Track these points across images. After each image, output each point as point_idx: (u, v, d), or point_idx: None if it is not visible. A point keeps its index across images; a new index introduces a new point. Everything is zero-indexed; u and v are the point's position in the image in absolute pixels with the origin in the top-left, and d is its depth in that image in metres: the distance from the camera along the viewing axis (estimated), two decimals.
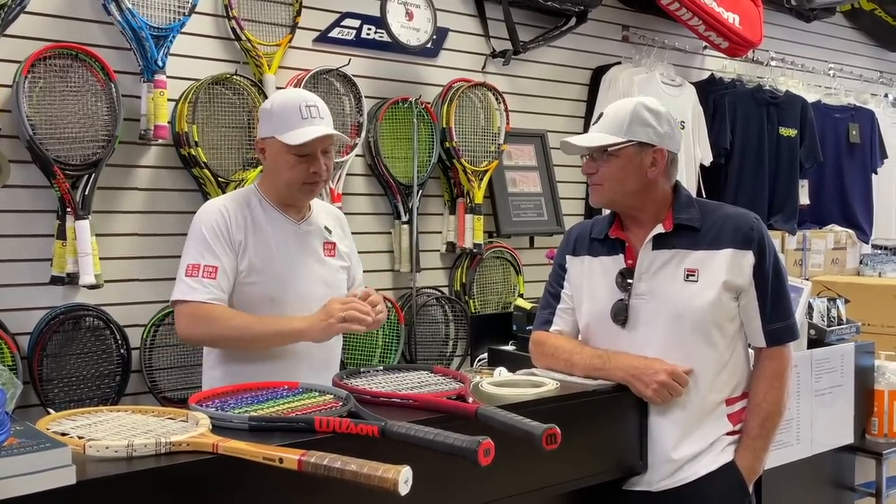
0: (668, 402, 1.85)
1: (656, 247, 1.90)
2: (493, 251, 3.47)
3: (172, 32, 2.58)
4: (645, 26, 4.05)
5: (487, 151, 3.38)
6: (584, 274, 2.00)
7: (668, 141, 1.91)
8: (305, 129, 1.99)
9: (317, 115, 2.03)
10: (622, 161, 1.88)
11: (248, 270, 2.01)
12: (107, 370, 2.53)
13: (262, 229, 2.04)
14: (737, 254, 1.85)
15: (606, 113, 1.94)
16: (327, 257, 2.13)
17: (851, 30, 5.25)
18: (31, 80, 2.38)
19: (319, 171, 2.03)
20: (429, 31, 3.20)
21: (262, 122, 2.07)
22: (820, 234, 4.43)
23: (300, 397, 1.56)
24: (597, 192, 1.95)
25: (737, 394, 1.92)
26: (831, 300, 2.75)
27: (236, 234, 2.01)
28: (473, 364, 2.97)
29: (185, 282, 1.96)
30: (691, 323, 1.85)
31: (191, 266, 1.96)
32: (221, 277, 1.96)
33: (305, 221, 2.12)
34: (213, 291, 1.94)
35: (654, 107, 1.93)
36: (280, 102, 2.06)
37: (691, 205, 1.94)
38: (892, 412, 2.75)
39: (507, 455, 1.37)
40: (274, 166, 2.05)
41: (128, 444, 1.22)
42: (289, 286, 2.03)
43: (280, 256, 2.04)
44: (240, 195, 2.12)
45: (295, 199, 2.09)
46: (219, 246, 1.98)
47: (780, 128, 4.32)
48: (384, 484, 1.12)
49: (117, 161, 2.59)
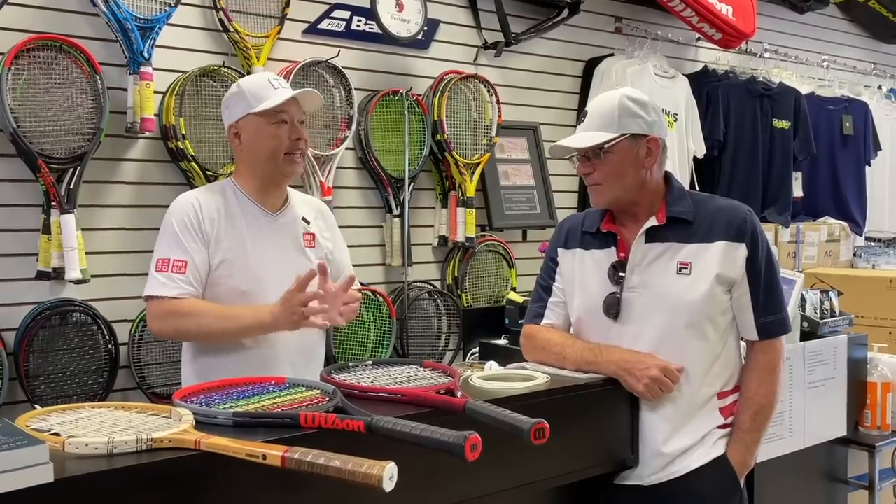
0: (658, 398, 1.84)
1: (649, 240, 1.88)
2: (486, 245, 3.45)
3: (158, 24, 2.55)
4: (638, 18, 4.02)
5: (479, 144, 3.36)
6: (576, 267, 1.98)
7: (657, 128, 1.90)
8: (280, 92, 2.00)
9: (287, 86, 2.04)
10: (618, 156, 1.86)
11: (220, 263, 1.98)
12: (94, 366, 2.50)
13: (236, 221, 2.02)
14: (729, 246, 1.84)
15: (591, 111, 1.92)
16: (307, 248, 2.09)
17: (845, 21, 5.24)
18: (15, 73, 2.35)
19: (301, 136, 2.02)
20: (419, 23, 3.17)
21: (233, 106, 2.04)
22: (813, 226, 4.42)
23: (286, 392, 1.54)
24: (598, 193, 1.91)
25: (729, 387, 1.91)
26: (824, 292, 2.75)
27: (208, 228, 1.98)
28: (466, 358, 2.95)
29: (156, 277, 1.95)
30: (683, 316, 1.84)
31: (160, 261, 1.96)
32: (191, 272, 1.94)
33: (282, 213, 2.09)
34: (182, 287, 1.93)
35: (638, 97, 1.91)
36: (248, 81, 2.06)
37: (684, 197, 1.92)
38: (884, 404, 2.75)
39: (497, 450, 1.35)
40: (253, 144, 2.02)
41: (108, 441, 1.19)
42: (262, 279, 2.00)
43: (253, 249, 2.01)
44: (215, 187, 2.10)
45: (279, 174, 2.04)
46: (189, 240, 1.96)
47: (773, 120, 4.31)
48: (369, 480, 1.10)
49: (103, 154, 2.57)
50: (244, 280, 1.99)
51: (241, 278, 1.99)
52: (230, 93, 2.07)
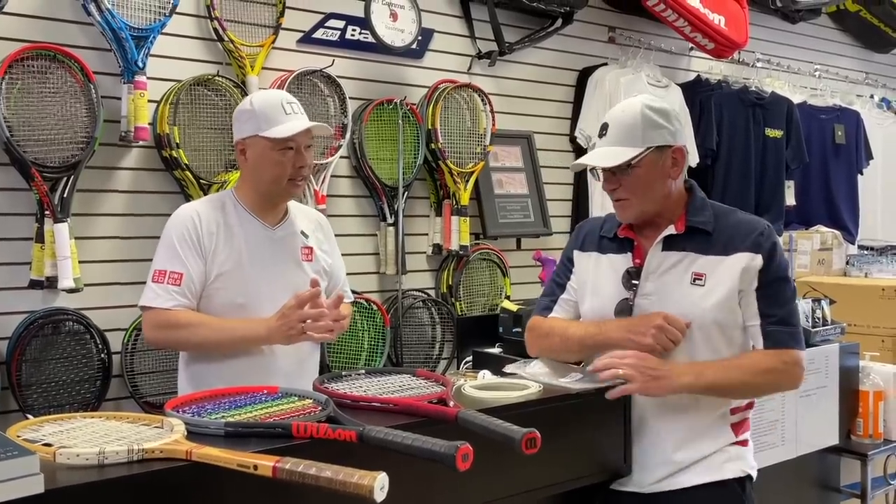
0: (669, 349, 1.78)
1: (666, 248, 1.86)
2: (480, 253, 3.45)
3: (153, 33, 2.55)
4: (631, 27, 4.04)
5: (473, 153, 3.37)
6: (591, 270, 1.97)
7: (681, 137, 1.87)
8: (291, 122, 2.02)
9: (299, 111, 2.07)
10: (645, 169, 1.82)
11: (217, 276, 2.01)
12: (87, 375, 2.49)
13: (235, 234, 2.04)
14: (745, 257, 1.80)
15: (613, 123, 1.86)
16: (304, 262, 2.11)
17: (837, 31, 5.27)
18: (9, 82, 2.34)
19: (305, 164, 2.04)
20: (414, 32, 3.18)
21: (242, 123, 2.07)
22: (806, 234, 4.44)
23: (279, 402, 1.54)
24: (624, 208, 1.88)
25: (742, 403, 1.88)
26: (816, 301, 2.75)
27: (206, 241, 2.01)
28: (460, 367, 2.95)
29: (152, 287, 1.99)
30: (695, 326, 1.81)
31: (157, 272, 1.99)
32: (187, 284, 1.98)
33: (280, 227, 2.11)
34: (176, 298, 1.96)
35: (659, 105, 1.87)
36: (261, 100, 2.07)
37: (705, 207, 1.89)
38: (876, 413, 2.76)
39: (490, 459, 1.36)
40: (257, 165, 2.05)
41: (99, 452, 1.19)
42: (259, 293, 2.02)
43: (251, 262, 2.03)
44: (215, 199, 2.12)
45: (280, 196, 2.08)
46: (187, 252, 1.99)
47: (766, 129, 4.33)
48: (360, 490, 1.10)
49: (97, 163, 2.56)
50: (240, 293, 2.01)
51: (237, 291, 2.01)
52: (242, 108, 2.09)
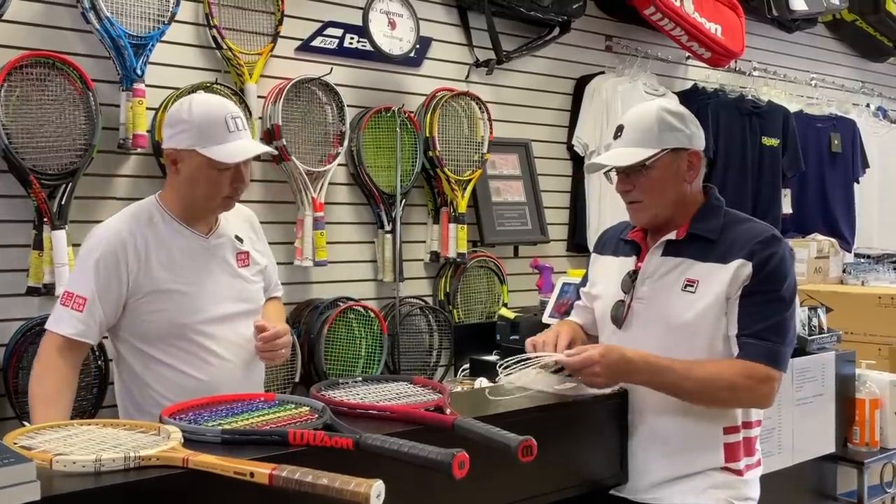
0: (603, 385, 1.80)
1: (666, 253, 1.86)
2: (477, 260, 3.46)
3: (152, 41, 2.56)
4: (628, 36, 4.06)
5: (471, 160, 3.38)
6: (602, 272, 2.01)
7: (697, 141, 1.86)
8: (235, 143, 1.86)
9: (243, 127, 1.90)
10: (659, 171, 1.81)
11: (152, 297, 1.88)
12: (84, 382, 2.48)
13: (167, 249, 1.91)
14: (738, 265, 1.77)
15: (628, 125, 1.86)
16: (241, 269, 2.02)
17: (833, 40, 5.30)
18: (8, 89, 2.35)
19: (244, 182, 1.92)
20: (411, 41, 3.19)
21: (177, 132, 1.88)
22: (803, 242, 4.44)
23: (276, 409, 1.54)
24: (638, 211, 1.87)
25: (736, 422, 1.83)
26: (812, 309, 2.76)
27: (133, 262, 1.86)
28: (457, 374, 2.95)
29: (57, 310, 1.87)
30: (678, 333, 1.80)
31: (66, 293, 1.86)
32: (90, 310, 1.83)
33: (214, 234, 1.99)
34: (76, 326, 1.83)
35: (676, 108, 1.87)
36: (202, 113, 1.88)
37: (716, 215, 1.86)
38: (873, 421, 2.76)
39: (487, 467, 1.36)
40: (191, 180, 1.89)
41: (95, 459, 1.19)
42: (201, 309, 1.91)
43: (187, 277, 1.91)
44: (140, 211, 1.95)
45: (212, 211, 1.97)
46: (101, 276, 1.84)
47: (762, 137, 4.34)
48: (356, 498, 1.10)
49: (96, 170, 2.57)
50: (180, 313, 1.89)
51: (177, 312, 1.89)
52: (177, 115, 1.90)
